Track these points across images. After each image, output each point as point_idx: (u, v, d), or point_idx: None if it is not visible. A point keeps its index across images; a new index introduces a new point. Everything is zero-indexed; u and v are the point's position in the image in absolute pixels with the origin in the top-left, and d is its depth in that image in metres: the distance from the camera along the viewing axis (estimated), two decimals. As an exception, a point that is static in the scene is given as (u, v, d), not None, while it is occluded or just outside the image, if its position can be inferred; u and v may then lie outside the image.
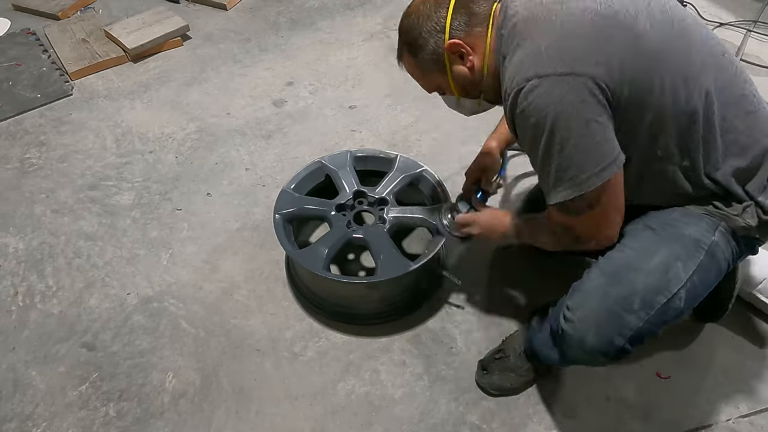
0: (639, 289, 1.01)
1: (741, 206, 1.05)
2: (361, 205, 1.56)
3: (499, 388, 1.35)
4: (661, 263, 1.02)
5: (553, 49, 0.93)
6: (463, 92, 1.15)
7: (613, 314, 1.02)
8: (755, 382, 1.38)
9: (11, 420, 1.35)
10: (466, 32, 1.05)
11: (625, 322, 1.01)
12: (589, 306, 1.04)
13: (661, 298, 1.01)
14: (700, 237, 1.04)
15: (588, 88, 0.91)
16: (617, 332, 1.02)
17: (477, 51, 1.06)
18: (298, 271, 1.60)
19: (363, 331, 1.50)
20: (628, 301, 1.01)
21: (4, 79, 2.42)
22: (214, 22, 2.80)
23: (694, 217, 1.06)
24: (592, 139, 0.93)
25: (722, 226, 1.05)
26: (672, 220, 1.07)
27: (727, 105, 1.00)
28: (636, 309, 1.00)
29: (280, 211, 1.52)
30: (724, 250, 1.06)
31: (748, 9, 2.77)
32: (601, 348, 1.03)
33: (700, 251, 1.03)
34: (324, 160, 1.65)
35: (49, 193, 1.93)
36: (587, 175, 0.94)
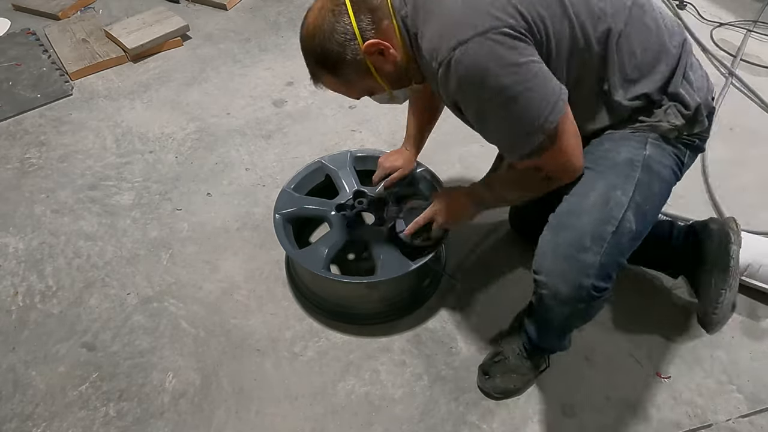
0: (586, 228, 1.02)
1: (662, 110, 1.07)
2: (361, 205, 1.56)
3: (503, 391, 1.35)
4: (599, 197, 1.04)
5: (461, 14, 0.94)
6: (392, 85, 1.13)
7: (570, 258, 1.03)
8: (755, 382, 1.38)
9: (11, 420, 1.35)
10: (376, 29, 1.03)
11: (584, 262, 1.02)
12: (547, 261, 1.06)
13: (609, 227, 1.02)
14: (631, 156, 1.06)
15: (510, 36, 0.93)
16: (582, 273, 1.02)
17: (393, 42, 1.04)
18: (298, 271, 1.60)
19: (363, 331, 1.50)
20: (578, 242, 1.02)
21: (4, 79, 2.42)
22: (214, 22, 2.81)
23: (623, 140, 1.09)
24: (536, 80, 0.95)
25: (651, 137, 1.08)
26: (604, 152, 1.09)
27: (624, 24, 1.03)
28: (588, 246, 1.01)
29: (280, 211, 1.52)
30: (661, 159, 1.08)
31: (748, 9, 2.77)
32: (574, 294, 1.04)
33: (634, 170, 1.06)
34: (324, 160, 1.65)
35: (49, 193, 1.93)
36: (544, 117, 0.96)
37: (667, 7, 2.82)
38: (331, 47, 1.03)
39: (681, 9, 2.79)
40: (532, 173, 1.08)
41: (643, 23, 1.05)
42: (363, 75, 1.08)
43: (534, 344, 1.31)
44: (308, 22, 1.06)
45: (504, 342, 1.40)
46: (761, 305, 1.52)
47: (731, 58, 2.44)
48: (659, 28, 1.08)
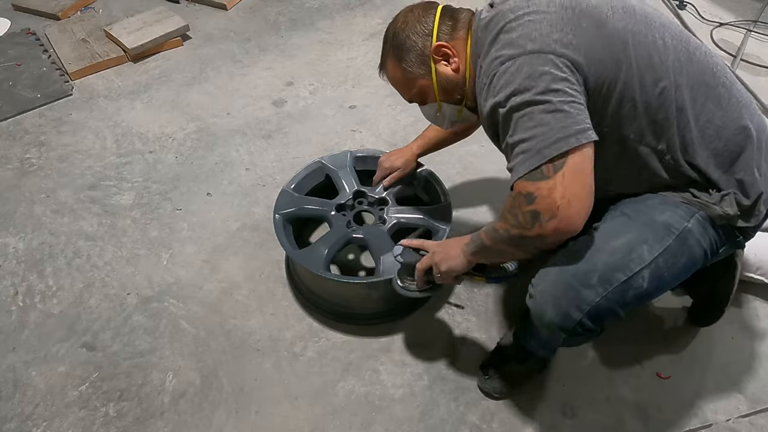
0: (598, 267, 1.01)
1: (719, 194, 1.04)
2: (361, 205, 1.56)
3: (503, 391, 1.35)
4: (625, 244, 1.03)
5: (522, 36, 0.97)
6: (445, 95, 1.17)
7: (571, 287, 1.01)
8: (755, 382, 1.38)
9: (11, 420, 1.35)
10: (450, 36, 1.11)
11: (581, 296, 1.00)
12: (548, 280, 1.05)
13: (620, 275, 1.00)
14: (672, 222, 1.04)
15: (554, 62, 0.93)
16: (574, 305, 1.01)
17: (460, 54, 1.12)
18: (298, 271, 1.60)
19: (363, 331, 1.50)
20: (586, 276, 1.01)
21: (4, 79, 2.42)
22: (214, 22, 2.81)
23: (671, 204, 1.06)
24: (561, 106, 0.92)
25: (699, 215, 1.05)
26: (647, 207, 1.08)
27: (696, 87, 1.01)
28: (593, 284, 1.00)
29: (280, 211, 1.52)
30: (700, 238, 1.05)
31: (748, 9, 2.77)
32: (558, 321, 1.03)
33: (670, 235, 1.03)
34: (324, 160, 1.65)
35: (49, 193, 1.93)
36: (551, 140, 0.91)
37: (668, 9, 2.82)
38: (408, 34, 1.13)
39: (681, 9, 2.79)
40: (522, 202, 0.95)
41: (716, 93, 1.03)
42: (423, 72, 1.15)
43: (524, 347, 1.30)
44: (400, 12, 1.17)
45: (503, 343, 1.40)
46: (761, 305, 1.52)
47: (731, 58, 2.45)
48: (734, 101, 1.05)
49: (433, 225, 1.50)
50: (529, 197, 0.94)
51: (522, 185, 0.95)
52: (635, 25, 1.00)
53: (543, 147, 0.91)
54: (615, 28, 0.98)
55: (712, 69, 1.04)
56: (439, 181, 1.60)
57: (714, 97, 1.03)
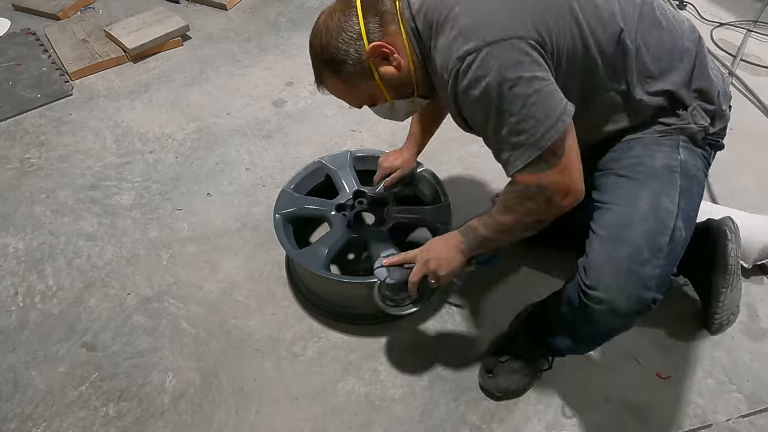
0: (642, 240, 1.00)
1: (688, 111, 1.07)
2: (361, 205, 1.56)
3: (505, 390, 1.34)
4: (647, 206, 1.03)
5: (475, 24, 0.94)
6: (395, 94, 1.11)
7: (632, 273, 1.00)
8: (755, 382, 1.38)
9: (11, 420, 1.35)
10: (382, 32, 1.04)
11: (645, 275, 1.00)
12: (607, 277, 1.02)
13: (664, 237, 1.01)
14: (668, 162, 1.06)
15: (520, 49, 0.92)
16: (644, 286, 1.00)
17: (398, 48, 1.05)
18: (298, 271, 1.60)
19: (363, 331, 1.50)
20: (638, 255, 1.00)
21: (4, 79, 2.42)
22: (214, 22, 2.81)
23: (655, 145, 1.08)
24: (539, 95, 0.93)
25: (682, 140, 1.07)
26: (636, 159, 1.08)
27: (643, 22, 1.03)
28: (648, 258, 1.00)
29: (280, 211, 1.52)
30: (695, 163, 1.08)
31: (748, 9, 2.77)
32: (634, 307, 1.02)
33: (674, 176, 1.05)
34: (324, 160, 1.65)
35: (49, 193, 1.93)
36: (543, 130, 0.94)
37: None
38: (336, 45, 1.04)
39: (681, 9, 2.79)
40: (533, 193, 1.01)
41: (656, 22, 1.05)
42: (365, 78, 1.07)
43: (554, 350, 1.29)
44: (318, 23, 1.08)
45: (508, 341, 1.40)
46: (761, 305, 1.52)
47: (731, 58, 2.45)
48: (672, 26, 1.08)
49: (433, 225, 1.50)
50: (540, 187, 0.99)
51: (526, 178, 0.99)
52: None
53: (537, 139, 0.94)
54: None
55: (651, 3, 1.07)
56: (439, 181, 1.60)
57: (656, 23, 1.05)
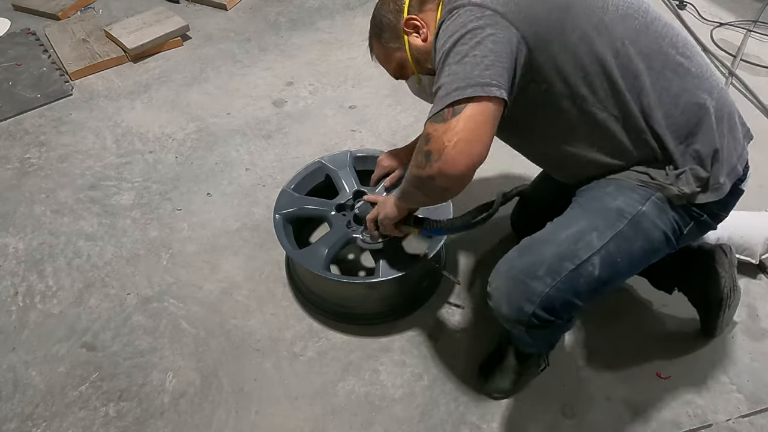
0: (546, 258, 1.03)
1: (675, 173, 1.03)
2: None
3: (502, 391, 1.35)
4: (574, 233, 1.04)
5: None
6: (419, 66, 1.20)
7: (519, 281, 1.03)
8: (755, 382, 1.38)
9: (11, 420, 1.35)
10: (419, 9, 1.16)
11: (530, 288, 1.02)
12: (500, 277, 1.07)
13: (568, 264, 1.01)
14: (625, 207, 1.04)
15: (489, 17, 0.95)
16: (525, 298, 1.03)
17: (429, 25, 1.15)
18: (298, 272, 1.60)
19: (363, 331, 1.50)
20: (532, 269, 1.03)
21: (4, 79, 2.42)
22: (214, 22, 2.81)
23: (626, 188, 1.06)
24: (473, 58, 0.95)
25: (656, 197, 1.04)
26: (602, 194, 1.08)
27: (652, 56, 1.01)
28: (541, 275, 1.02)
29: (280, 211, 1.52)
30: (656, 220, 1.04)
31: (748, 9, 2.77)
32: (514, 315, 1.05)
33: (621, 220, 1.03)
34: (324, 160, 1.65)
35: (49, 193, 1.93)
36: (455, 86, 0.95)
37: (668, 9, 2.82)
38: (384, 14, 1.20)
39: (681, 9, 2.79)
40: (423, 142, 1.01)
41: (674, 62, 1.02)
42: (398, 45, 1.20)
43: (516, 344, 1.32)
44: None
45: (502, 342, 1.40)
46: (761, 305, 1.52)
47: (731, 58, 2.45)
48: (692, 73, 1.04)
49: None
50: (427, 138, 0.99)
51: (426, 126, 1.01)
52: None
53: (446, 93, 0.96)
54: None
55: (672, 39, 1.04)
56: None
57: (672, 65, 1.03)
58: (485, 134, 0.96)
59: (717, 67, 2.41)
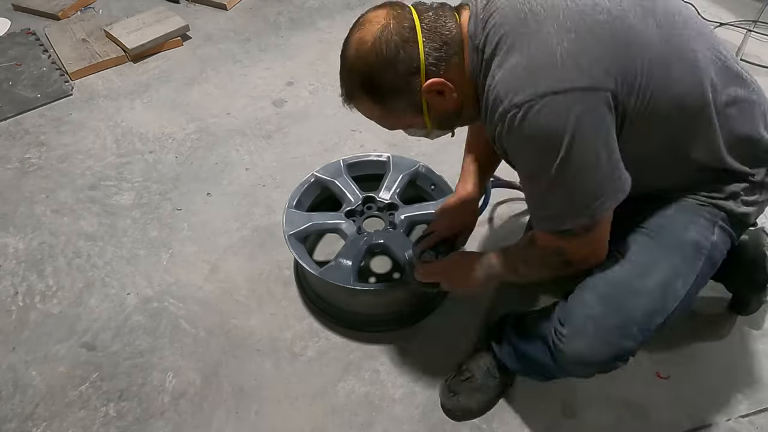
0: (637, 316, 0.98)
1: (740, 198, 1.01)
2: (371, 210, 1.55)
3: (466, 410, 1.30)
4: (659, 281, 0.99)
5: (569, 57, 0.82)
6: (438, 126, 1.03)
7: (612, 344, 0.99)
8: (755, 382, 1.38)
9: (11, 420, 1.35)
10: (444, 67, 0.92)
11: (623, 347, 0.99)
12: (586, 335, 1.00)
13: (658, 318, 0.99)
14: (700, 240, 1.00)
15: (608, 105, 0.84)
16: (617, 356, 1.01)
17: (456, 82, 0.93)
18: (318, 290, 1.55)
19: (363, 331, 1.50)
20: (625, 328, 0.98)
21: (4, 79, 2.42)
22: (214, 22, 2.80)
23: (692, 213, 1.02)
24: (609, 162, 0.87)
25: (720, 219, 1.02)
26: (668, 222, 1.03)
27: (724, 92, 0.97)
28: (634, 334, 0.98)
29: (292, 231, 1.47)
30: (722, 248, 1.03)
31: (748, 9, 2.77)
32: (600, 368, 1.04)
33: (700, 258, 1.00)
34: (317, 173, 1.62)
35: (49, 193, 1.93)
36: (590, 205, 0.88)
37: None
38: (387, 76, 0.91)
39: (681, 9, 2.79)
40: (552, 254, 0.99)
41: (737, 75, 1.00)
42: (412, 112, 0.98)
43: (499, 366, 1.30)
44: (365, 39, 0.91)
45: (471, 360, 1.35)
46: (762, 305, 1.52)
47: (731, 58, 2.44)
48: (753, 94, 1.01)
49: None
50: (559, 251, 0.97)
51: (549, 239, 0.97)
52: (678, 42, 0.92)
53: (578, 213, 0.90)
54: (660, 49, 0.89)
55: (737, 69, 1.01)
56: (439, 176, 1.60)
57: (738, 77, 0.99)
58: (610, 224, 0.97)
59: (717, 67, 2.41)
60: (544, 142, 0.84)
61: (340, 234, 1.50)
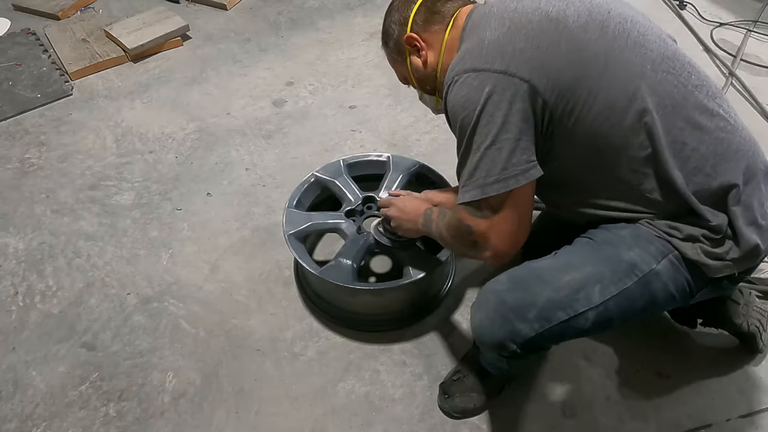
0: (539, 301, 0.97)
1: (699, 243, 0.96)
2: (371, 210, 1.55)
3: (462, 411, 1.31)
4: (576, 280, 0.98)
5: (494, 45, 0.96)
6: (420, 85, 1.21)
7: (506, 320, 0.99)
8: (755, 382, 1.38)
9: (11, 420, 1.35)
10: (423, 28, 1.11)
11: (516, 329, 0.98)
12: (486, 309, 1.03)
13: (561, 314, 0.97)
14: (638, 262, 0.97)
15: (519, 91, 0.92)
16: (509, 338, 1.00)
17: (432, 47, 1.12)
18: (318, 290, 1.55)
19: (363, 331, 1.50)
20: (523, 310, 0.98)
21: (4, 79, 2.42)
22: (214, 22, 2.81)
23: (644, 239, 0.98)
24: (508, 144, 0.93)
25: (674, 255, 0.97)
26: (617, 238, 1.00)
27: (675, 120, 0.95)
28: (530, 318, 0.97)
29: (292, 231, 1.47)
30: (667, 282, 0.97)
31: (748, 9, 2.77)
32: (495, 347, 1.03)
33: (631, 277, 0.97)
34: (318, 173, 1.62)
35: (49, 193, 1.93)
36: (493, 179, 0.95)
37: (669, 9, 2.82)
38: (390, 22, 1.16)
39: (681, 9, 2.79)
40: (464, 231, 1.04)
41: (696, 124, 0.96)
42: (401, 59, 1.18)
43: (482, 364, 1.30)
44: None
45: (463, 361, 1.38)
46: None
47: (731, 58, 2.45)
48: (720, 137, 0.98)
49: None
50: (469, 229, 1.03)
51: (463, 214, 1.03)
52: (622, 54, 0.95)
53: (485, 184, 0.96)
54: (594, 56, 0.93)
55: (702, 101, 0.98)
56: (439, 175, 1.60)
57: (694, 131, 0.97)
58: (526, 217, 1.00)
59: (717, 67, 2.41)
60: (461, 110, 0.97)
61: (340, 234, 1.50)
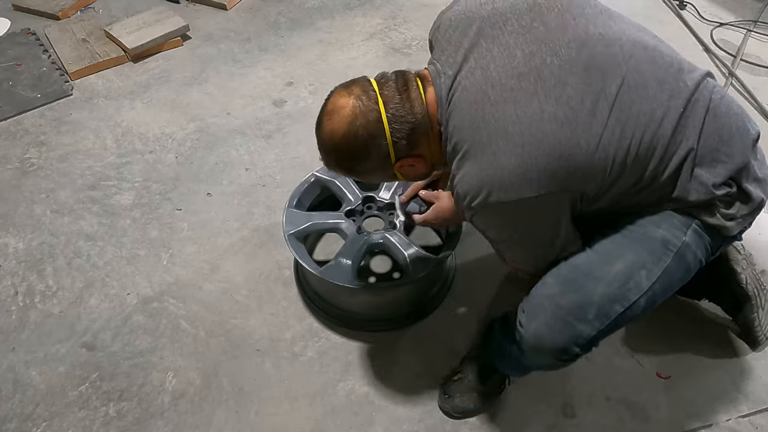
0: (595, 300, 0.98)
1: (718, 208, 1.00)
2: (371, 210, 1.55)
3: (462, 411, 1.32)
4: (622, 272, 0.99)
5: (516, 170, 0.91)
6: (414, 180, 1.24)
7: (566, 324, 0.99)
8: (755, 382, 1.38)
9: (11, 420, 1.35)
10: (413, 146, 1.03)
11: (578, 331, 0.98)
12: (543, 315, 1.01)
13: (618, 307, 0.98)
14: (670, 238, 0.99)
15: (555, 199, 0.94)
16: (572, 342, 0.99)
17: (425, 154, 1.06)
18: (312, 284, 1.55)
19: (363, 331, 1.50)
20: (582, 311, 0.98)
21: (4, 79, 2.42)
22: (214, 22, 2.80)
23: (664, 215, 1.02)
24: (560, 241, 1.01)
25: (695, 223, 1.00)
26: (642, 220, 1.03)
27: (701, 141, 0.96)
28: (590, 319, 0.98)
29: (292, 231, 1.47)
30: (696, 250, 1.01)
31: (748, 9, 2.77)
32: (556, 354, 1.01)
33: (667, 254, 0.99)
34: (318, 173, 1.61)
35: (49, 193, 1.93)
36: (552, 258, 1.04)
37: (669, 9, 2.82)
38: (361, 165, 1.06)
39: (681, 9, 2.79)
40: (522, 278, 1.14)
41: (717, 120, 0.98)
42: (388, 179, 1.16)
43: (490, 364, 1.30)
44: (336, 132, 1.03)
45: (464, 361, 1.38)
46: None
47: (731, 58, 2.45)
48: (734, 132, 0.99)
49: None
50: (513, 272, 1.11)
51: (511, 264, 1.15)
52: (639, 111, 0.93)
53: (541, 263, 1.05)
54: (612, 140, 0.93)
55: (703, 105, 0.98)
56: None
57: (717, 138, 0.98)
58: None
59: (717, 67, 2.41)
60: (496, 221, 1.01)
61: (340, 234, 1.50)
